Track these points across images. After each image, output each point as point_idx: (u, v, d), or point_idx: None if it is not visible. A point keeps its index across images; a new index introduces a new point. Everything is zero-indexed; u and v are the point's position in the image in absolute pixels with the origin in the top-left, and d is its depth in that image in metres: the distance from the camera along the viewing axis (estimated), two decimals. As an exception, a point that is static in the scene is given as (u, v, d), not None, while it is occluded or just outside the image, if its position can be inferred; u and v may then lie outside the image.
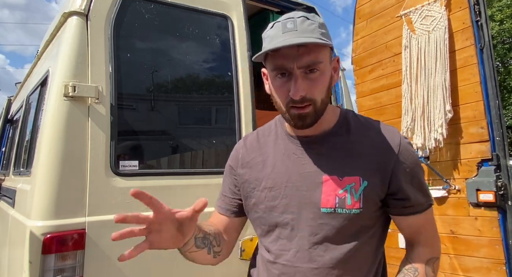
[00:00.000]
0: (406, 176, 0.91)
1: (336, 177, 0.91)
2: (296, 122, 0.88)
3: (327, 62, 0.86)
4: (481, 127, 2.16)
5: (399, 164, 0.91)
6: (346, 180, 0.90)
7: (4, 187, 2.75)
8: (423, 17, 2.44)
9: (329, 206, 0.89)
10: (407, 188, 0.92)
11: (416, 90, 2.43)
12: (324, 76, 0.86)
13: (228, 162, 1.13)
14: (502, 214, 2.06)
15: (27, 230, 1.48)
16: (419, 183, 0.94)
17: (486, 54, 2.15)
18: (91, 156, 1.56)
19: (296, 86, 0.83)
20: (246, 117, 2.00)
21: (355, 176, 0.90)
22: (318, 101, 0.86)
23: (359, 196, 0.89)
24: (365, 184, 0.89)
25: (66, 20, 1.70)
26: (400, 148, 0.92)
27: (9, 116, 3.72)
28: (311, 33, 0.82)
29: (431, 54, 2.37)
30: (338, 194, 0.90)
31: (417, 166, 0.95)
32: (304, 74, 0.84)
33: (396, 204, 0.94)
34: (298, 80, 0.83)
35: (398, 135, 0.94)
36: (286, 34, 0.82)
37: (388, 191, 0.92)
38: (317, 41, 0.81)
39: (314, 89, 0.85)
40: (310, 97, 0.85)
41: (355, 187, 0.89)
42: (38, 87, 2.15)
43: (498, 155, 2.08)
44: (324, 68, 0.85)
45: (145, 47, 1.87)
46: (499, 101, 2.13)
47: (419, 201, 0.95)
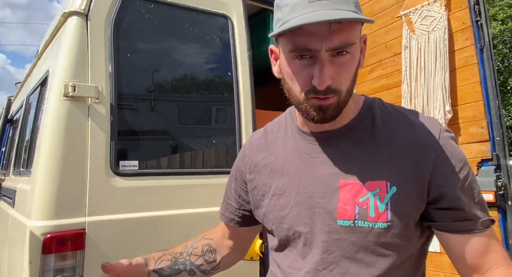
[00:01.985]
0: (451, 178, 0.70)
1: (356, 181, 0.72)
2: (316, 114, 0.69)
3: (358, 42, 0.68)
4: (481, 127, 2.16)
5: (441, 163, 0.70)
6: (369, 185, 0.71)
7: (4, 187, 2.75)
8: (423, 17, 2.44)
9: (347, 218, 0.71)
10: (454, 193, 0.69)
11: (416, 90, 2.43)
12: (354, 60, 0.68)
13: (234, 166, 0.97)
14: (502, 214, 2.06)
15: (27, 230, 1.48)
16: (470, 188, 0.71)
17: (486, 54, 2.15)
18: (91, 156, 1.56)
19: (322, 73, 0.64)
20: (246, 117, 2.00)
21: (380, 180, 0.70)
22: (343, 92, 0.68)
23: (386, 206, 0.69)
24: (393, 190, 0.69)
25: (66, 20, 1.70)
26: (440, 143, 0.71)
27: (9, 116, 3.72)
28: (345, 4, 0.63)
29: (431, 54, 2.37)
30: (359, 203, 0.71)
31: (466, 165, 0.72)
32: (331, 58, 0.65)
33: (443, 216, 0.71)
34: (326, 66, 0.65)
35: (438, 126, 0.73)
36: (313, 3, 0.62)
37: (428, 199, 0.70)
38: (355, 16, 0.62)
39: (342, 77, 0.67)
40: (336, 88, 0.67)
41: (380, 194, 0.70)
42: (38, 87, 2.15)
43: (498, 155, 2.08)
44: (355, 50, 0.67)
45: (145, 47, 1.87)
46: (499, 101, 2.13)
47: (476, 214, 0.70)
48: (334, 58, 0.66)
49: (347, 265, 0.72)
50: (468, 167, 0.72)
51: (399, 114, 0.77)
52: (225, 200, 1.00)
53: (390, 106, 0.80)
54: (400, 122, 0.75)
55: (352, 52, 0.67)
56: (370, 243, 0.70)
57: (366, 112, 0.78)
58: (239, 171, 0.94)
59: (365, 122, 0.77)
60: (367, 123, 0.76)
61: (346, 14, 0.62)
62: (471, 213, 0.70)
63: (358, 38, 0.68)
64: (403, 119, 0.76)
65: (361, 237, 0.70)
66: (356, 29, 0.66)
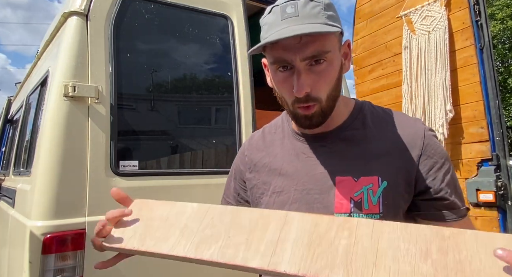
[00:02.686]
0: (435, 172, 0.78)
1: (350, 178, 0.79)
2: (303, 122, 0.78)
3: (335, 49, 0.73)
4: (481, 127, 2.16)
5: (425, 160, 0.78)
6: (363, 180, 0.78)
7: (4, 187, 2.75)
8: (423, 17, 2.44)
9: (343, 211, 0.78)
10: (439, 186, 0.78)
11: (416, 90, 2.43)
12: (332, 66, 0.73)
13: (233, 165, 1.02)
14: (502, 214, 2.06)
15: (27, 230, 1.48)
16: (452, 181, 0.80)
17: (486, 54, 2.15)
18: (91, 156, 1.56)
19: (299, 82, 0.71)
20: (246, 117, 2.00)
21: (372, 176, 0.78)
22: (323, 99, 0.74)
23: (378, 199, 0.77)
24: (384, 184, 0.77)
25: (66, 20, 1.70)
26: (425, 141, 0.79)
27: (9, 116, 3.72)
28: (314, 18, 0.69)
29: (431, 54, 2.37)
30: (354, 197, 0.78)
31: (447, 161, 0.80)
32: (308, 67, 0.71)
33: (428, 207, 0.80)
34: (302, 75, 0.71)
35: (422, 126, 0.81)
36: (285, 21, 0.69)
37: (415, 191, 0.79)
38: (321, 29, 0.67)
39: (320, 85, 0.72)
40: (315, 96, 0.73)
41: (372, 188, 0.77)
42: (38, 87, 2.15)
43: (498, 155, 2.08)
44: (332, 57, 0.72)
45: (145, 47, 1.87)
46: (499, 101, 2.13)
47: (457, 203, 0.80)
48: (312, 67, 0.72)
49: None
50: (449, 162, 0.81)
51: (387, 115, 0.85)
52: (224, 199, 1.04)
53: (379, 108, 0.88)
54: (388, 122, 0.83)
55: (329, 59, 0.72)
56: None
57: (357, 114, 0.85)
58: (238, 171, 0.98)
59: (356, 123, 0.84)
60: (358, 124, 0.83)
61: (312, 28, 0.67)
62: (453, 203, 0.79)
63: (334, 45, 0.73)
64: (391, 120, 0.83)
65: None
66: (330, 38, 0.71)
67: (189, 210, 0.76)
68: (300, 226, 0.65)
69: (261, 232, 0.66)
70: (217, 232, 0.69)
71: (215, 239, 0.67)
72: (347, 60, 0.79)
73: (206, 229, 0.70)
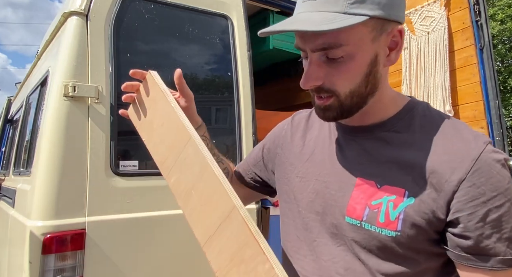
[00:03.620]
0: (476, 206, 0.61)
1: (373, 183, 0.69)
2: (317, 112, 0.71)
3: (361, 42, 0.63)
4: (481, 127, 2.16)
5: (469, 187, 0.61)
6: (386, 189, 0.67)
7: (4, 187, 2.75)
8: (422, 17, 2.45)
9: (354, 216, 0.69)
10: (471, 222, 0.61)
11: (416, 90, 2.43)
12: (354, 61, 0.64)
13: (268, 135, 0.98)
14: (502, 214, 2.06)
15: (27, 230, 1.48)
16: (499, 222, 0.61)
17: (486, 54, 2.15)
18: (91, 156, 1.56)
19: (307, 74, 0.65)
20: (246, 117, 2.00)
21: (399, 187, 0.66)
22: (341, 93, 0.66)
23: (398, 215, 0.65)
24: (410, 201, 0.64)
25: (66, 20, 1.70)
26: (476, 164, 0.62)
27: (9, 116, 3.72)
28: (333, 4, 0.60)
29: (431, 55, 2.37)
30: (370, 205, 0.67)
31: (501, 196, 0.61)
32: (324, 58, 0.64)
33: (451, 242, 0.64)
34: (311, 66, 0.65)
35: (481, 146, 0.64)
36: (305, 3, 0.63)
37: (447, 220, 0.64)
38: (320, 28, 0.58)
39: (336, 80, 0.65)
40: (329, 88, 0.66)
41: (394, 201, 0.65)
42: (38, 87, 2.15)
43: (498, 155, 2.08)
44: (353, 51, 0.63)
45: (145, 47, 1.87)
46: (499, 101, 2.13)
47: (490, 248, 0.61)
48: (328, 60, 0.64)
49: (350, 261, 0.70)
50: (505, 199, 0.62)
51: (442, 122, 0.69)
52: (246, 157, 1.04)
53: (437, 112, 0.73)
54: (440, 131, 0.68)
55: (348, 54, 0.63)
56: (374, 247, 0.67)
57: (405, 114, 0.72)
58: (271, 142, 0.95)
59: (401, 125, 0.72)
60: (402, 126, 0.71)
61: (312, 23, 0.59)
62: (482, 247, 0.62)
63: (357, 38, 0.63)
64: (445, 129, 0.68)
65: (366, 239, 0.68)
66: (349, 30, 0.61)
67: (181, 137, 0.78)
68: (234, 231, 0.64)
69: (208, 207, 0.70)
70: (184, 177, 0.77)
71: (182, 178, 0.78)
72: (395, 50, 0.67)
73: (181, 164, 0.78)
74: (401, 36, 0.67)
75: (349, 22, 0.58)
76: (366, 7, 0.60)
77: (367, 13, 0.60)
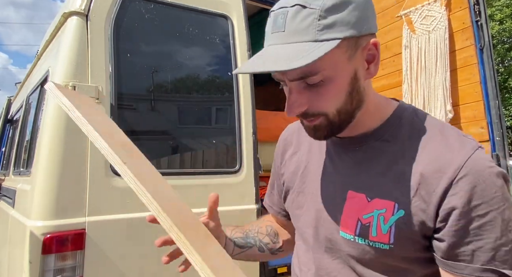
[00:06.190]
0: (458, 214, 0.60)
1: (363, 196, 0.69)
2: (308, 132, 0.70)
3: (338, 64, 0.62)
4: (481, 127, 2.16)
5: (452, 195, 0.61)
6: (376, 202, 0.67)
7: (4, 187, 2.75)
8: (423, 17, 2.44)
9: (348, 231, 0.69)
10: (452, 228, 0.61)
11: (417, 90, 2.43)
12: (334, 83, 0.62)
13: (275, 154, 0.96)
14: (502, 214, 2.06)
15: (27, 230, 1.48)
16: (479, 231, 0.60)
17: (486, 54, 2.15)
18: (91, 156, 1.56)
19: (289, 102, 0.64)
20: (246, 117, 2.00)
21: (389, 200, 0.66)
22: (329, 113, 0.64)
23: (389, 228, 0.65)
24: (400, 213, 0.64)
25: (66, 20, 1.70)
26: (461, 172, 0.60)
27: (9, 116, 3.72)
28: (301, 34, 0.58)
29: (432, 54, 2.37)
30: (362, 219, 0.68)
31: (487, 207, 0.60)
32: (304, 84, 0.63)
33: (435, 248, 0.65)
34: (292, 94, 0.64)
35: (468, 152, 0.62)
36: (274, 35, 0.61)
37: (435, 227, 0.64)
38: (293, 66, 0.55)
39: (320, 103, 0.64)
40: (315, 111, 0.64)
41: (385, 215, 0.66)
42: (38, 87, 2.15)
43: (498, 155, 2.08)
44: (332, 74, 0.62)
45: (145, 47, 1.87)
46: (499, 101, 2.13)
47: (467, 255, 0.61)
48: (308, 85, 0.63)
49: (347, 274, 0.71)
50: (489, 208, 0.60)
51: (430, 128, 0.68)
52: (269, 190, 1.00)
53: (424, 118, 0.71)
54: (427, 139, 0.67)
55: (327, 77, 0.61)
56: (370, 260, 0.68)
57: (393, 122, 0.71)
58: (276, 161, 0.95)
59: (390, 133, 0.70)
60: (390, 135, 0.70)
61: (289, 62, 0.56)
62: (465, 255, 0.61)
63: (333, 61, 0.61)
64: (432, 136, 0.67)
65: (361, 253, 0.68)
66: (328, 55, 0.57)
67: None
68: None
69: None
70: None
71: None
72: (373, 63, 0.66)
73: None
74: (377, 48, 0.66)
75: (322, 51, 0.57)
76: (336, 30, 0.58)
77: (338, 36, 0.58)
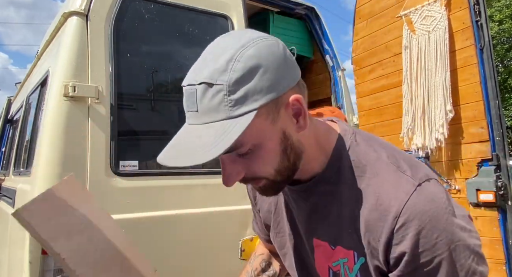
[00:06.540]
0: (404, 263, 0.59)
1: (327, 244, 0.68)
2: (259, 192, 0.67)
3: (262, 131, 0.58)
4: (481, 127, 2.16)
5: (395, 244, 0.59)
6: (339, 251, 0.66)
7: (4, 187, 2.75)
8: (423, 17, 2.44)
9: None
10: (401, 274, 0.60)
11: (417, 90, 2.43)
12: (264, 148, 0.59)
13: (248, 192, 0.95)
14: (502, 214, 2.06)
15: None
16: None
17: (486, 54, 2.15)
18: (91, 156, 1.56)
19: (224, 173, 0.61)
20: (246, 117, 2.00)
21: (348, 249, 0.65)
22: (268, 175, 0.62)
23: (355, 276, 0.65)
24: (361, 261, 0.64)
25: (66, 20, 1.70)
26: (399, 220, 0.58)
27: (9, 116, 3.72)
28: (214, 112, 0.55)
29: (432, 54, 2.37)
30: (332, 267, 0.68)
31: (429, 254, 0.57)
32: (235, 154, 0.60)
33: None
34: (226, 165, 0.61)
35: (405, 196, 0.59)
36: (189, 113, 0.60)
37: (389, 271, 0.62)
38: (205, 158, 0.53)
39: (255, 168, 0.61)
40: (253, 177, 0.62)
41: (348, 264, 0.65)
42: (38, 87, 2.15)
43: (498, 155, 2.08)
44: (259, 141, 0.58)
45: (145, 47, 1.87)
46: (499, 101, 2.13)
47: None
48: (239, 155, 0.60)
49: None
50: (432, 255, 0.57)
51: (368, 167, 0.65)
52: (253, 217, 0.99)
53: (362, 151, 0.67)
54: (366, 181, 0.64)
55: (254, 146, 0.58)
56: None
57: (334, 163, 0.67)
58: (249, 195, 0.94)
59: (334, 176, 0.67)
60: (333, 175, 0.67)
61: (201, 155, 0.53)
62: None
63: (256, 130, 0.57)
64: (371, 177, 0.64)
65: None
66: (247, 128, 0.54)
67: None
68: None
69: None
70: None
71: None
72: (302, 116, 0.61)
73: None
74: (300, 103, 0.60)
75: (239, 130, 0.53)
76: (249, 102, 0.54)
77: (253, 107, 0.54)
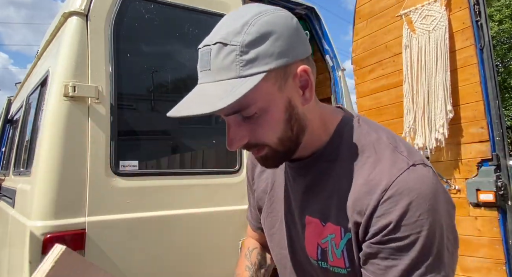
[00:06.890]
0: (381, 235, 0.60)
1: (318, 221, 0.69)
2: (260, 163, 0.69)
3: (269, 95, 0.60)
4: (481, 127, 2.16)
5: (377, 217, 0.60)
6: (328, 227, 0.68)
7: (4, 187, 2.75)
8: (423, 16, 2.44)
9: (313, 256, 0.71)
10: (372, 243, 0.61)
11: (417, 90, 2.43)
12: (270, 113, 0.61)
13: (246, 168, 0.97)
14: (502, 214, 2.06)
15: (27, 230, 1.48)
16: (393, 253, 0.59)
17: (486, 54, 2.15)
18: (91, 156, 1.56)
19: (229, 136, 0.63)
20: (246, 117, 2.00)
21: (336, 224, 0.66)
22: (272, 143, 0.64)
23: (342, 252, 0.66)
24: (348, 236, 0.65)
25: (66, 20, 1.70)
26: (386, 193, 0.60)
27: (9, 116, 3.72)
28: (226, 71, 0.58)
29: (432, 54, 2.37)
30: (321, 244, 0.69)
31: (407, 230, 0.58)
32: (241, 117, 0.62)
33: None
34: (231, 128, 0.63)
35: (397, 172, 0.61)
36: (201, 73, 0.62)
37: None
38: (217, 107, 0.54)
39: (259, 134, 0.63)
40: (257, 142, 0.64)
41: (335, 240, 0.66)
42: (38, 87, 2.15)
43: (498, 155, 2.08)
44: (266, 104, 0.61)
45: (145, 47, 1.87)
46: (499, 101, 2.13)
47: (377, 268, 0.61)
48: (245, 118, 0.62)
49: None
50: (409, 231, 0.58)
51: (366, 146, 0.67)
52: (248, 204, 1.00)
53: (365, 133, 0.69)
54: (363, 158, 0.66)
55: (260, 109, 0.61)
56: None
57: (335, 140, 0.70)
58: (248, 178, 0.96)
59: (334, 153, 0.69)
60: (335, 154, 0.69)
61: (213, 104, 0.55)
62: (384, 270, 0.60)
63: (263, 93, 0.60)
64: (368, 155, 0.66)
65: (327, 276, 0.70)
66: (256, 89, 0.57)
67: None
68: None
69: None
70: None
71: None
72: (308, 88, 0.63)
73: None
74: (308, 74, 0.63)
75: (246, 88, 0.56)
76: (260, 64, 0.58)
77: (263, 69, 0.58)
